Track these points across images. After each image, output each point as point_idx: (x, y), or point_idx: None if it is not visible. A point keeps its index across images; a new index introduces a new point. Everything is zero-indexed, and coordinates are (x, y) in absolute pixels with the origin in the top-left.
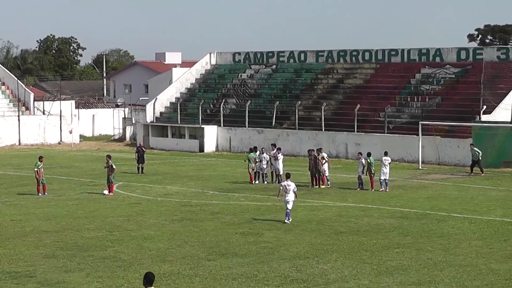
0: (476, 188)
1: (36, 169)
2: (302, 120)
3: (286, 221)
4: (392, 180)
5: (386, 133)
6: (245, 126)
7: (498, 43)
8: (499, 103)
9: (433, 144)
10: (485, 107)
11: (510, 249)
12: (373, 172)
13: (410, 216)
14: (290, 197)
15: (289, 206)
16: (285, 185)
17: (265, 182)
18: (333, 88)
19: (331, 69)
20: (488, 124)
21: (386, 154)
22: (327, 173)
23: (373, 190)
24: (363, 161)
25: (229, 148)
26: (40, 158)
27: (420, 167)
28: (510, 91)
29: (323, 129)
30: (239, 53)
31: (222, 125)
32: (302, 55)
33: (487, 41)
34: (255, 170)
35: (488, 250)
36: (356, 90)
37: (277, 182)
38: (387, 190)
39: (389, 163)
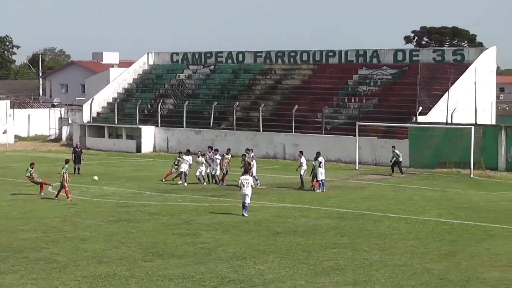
0: (412, 189)
1: (63, 171)
2: (240, 120)
3: (244, 214)
4: (330, 180)
5: (324, 134)
6: (182, 127)
7: (434, 45)
8: (434, 105)
9: (370, 145)
10: (421, 108)
11: (445, 249)
12: (316, 172)
13: (347, 217)
14: (248, 191)
15: (247, 200)
16: (243, 180)
17: (204, 183)
18: (271, 88)
19: (269, 69)
20: (424, 125)
21: (319, 155)
22: (254, 173)
23: (314, 190)
24: (303, 160)
25: (166, 148)
26: (67, 161)
27: (357, 168)
28: (445, 92)
29: (261, 130)
30: (177, 53)
31: (159, 125)
32: (240, 56)
33: (423, 42)
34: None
35: (423, 250)
36: (294, 91)
37: (214, 183)
38: (325, 190)
39: (324, 164)
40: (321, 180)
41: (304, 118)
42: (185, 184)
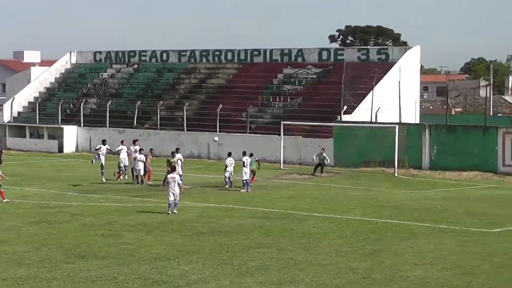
0: (336, 188)
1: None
2: (164, 120)
3: (175, 211)
4: (254, 180)
5: (249, 133)
6: (105, 126)
7: (358, 44)
8: (359, 104)
9: (295, 144)
10: (345, 107)
11: (369, 248)
12: (254, 170)
13: (272, 216)
14: (176, 189)
15: (177, 198)
16: (170, 178)
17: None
18: (196, 88)
19: (193, 69)
20: (348, 124)
21: (244, 154)
22: (180, 173)
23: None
24: (231, 161)
25: (89, 148)
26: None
27: (281, 167)
28: (369, 91)
29: (185, 129)
30: (100, 52)
31: (82, 125)
32: (164, 55)
33: (348, 42)
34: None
35: (347, 249)
36: (218, 90)
37: (136, 182)
38: (249, 190)
39: (249, 163)
40: (245, 180)
41: (228, 117)
42: (103, 179)
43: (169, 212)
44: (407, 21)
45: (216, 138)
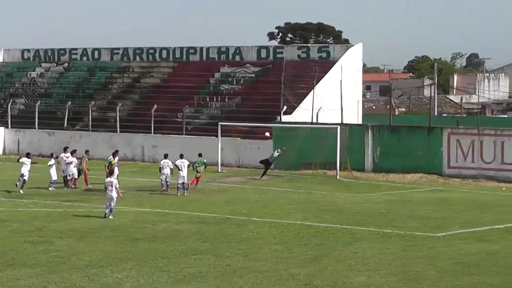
0: (276, 191)
1: None
2: (96, 121)
3: (110, 216)
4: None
5: (184, 135)
6: (34, 128)
7: (298, 42)
8: (299, 104)
9: (233, 145)
10: (285, 107)
11: (310, 253)
12: (199, 171)
13: (209, 221)
14: (114, 194)
15: (113, 203)
16: (107, 182)
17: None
18: (129, 87)
19: (126, 67)
20: (288, 125)
21: (182, 156)
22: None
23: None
24: (166, 163)
25: (17, 151)
26: None
27: (219, 170)
28: (310, 91)
29: (118, 131)
30: (28, 50)
31: (9, 126)
32: (96, 53)
33: (288, 39)
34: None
35: (288, 254)
36: (153, 89)
37: (67, 187)
38: (186, 194)
39: (185, 166)
40: (181, 183)
41: (163, 118)
42: (21, 191)
43: (105, 216)
44: (348, 18)
45: (267, 134)
